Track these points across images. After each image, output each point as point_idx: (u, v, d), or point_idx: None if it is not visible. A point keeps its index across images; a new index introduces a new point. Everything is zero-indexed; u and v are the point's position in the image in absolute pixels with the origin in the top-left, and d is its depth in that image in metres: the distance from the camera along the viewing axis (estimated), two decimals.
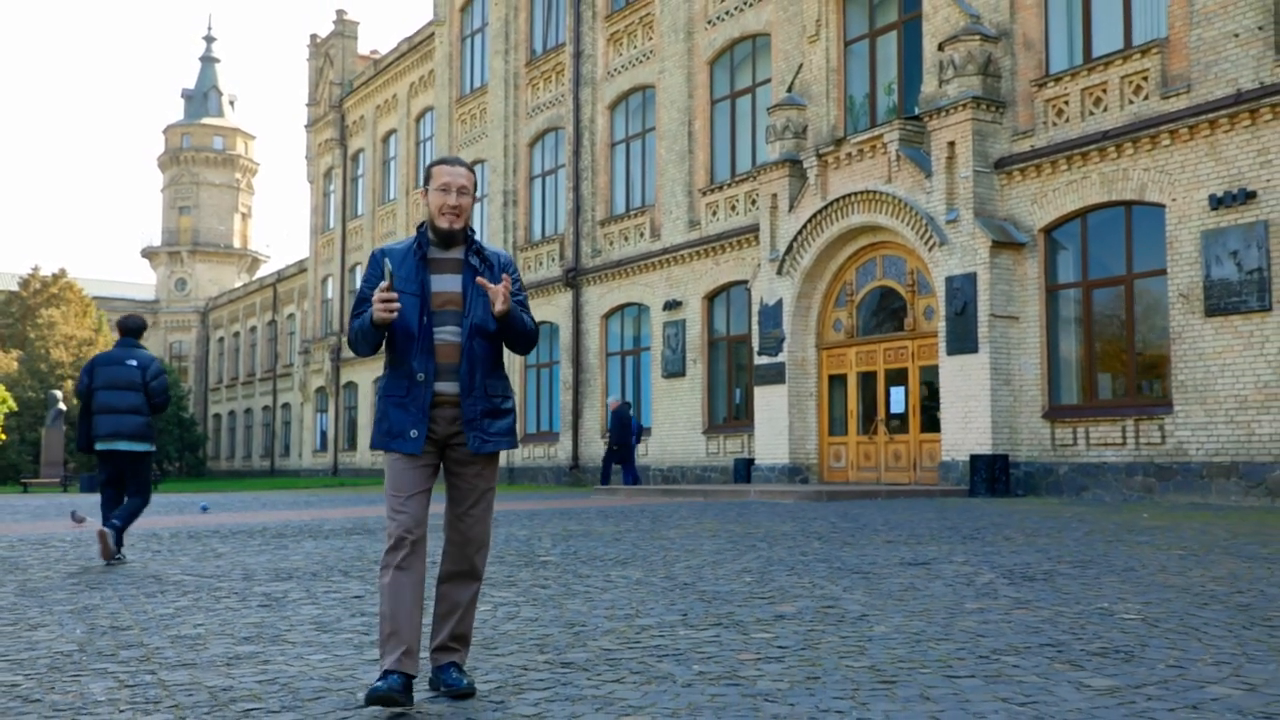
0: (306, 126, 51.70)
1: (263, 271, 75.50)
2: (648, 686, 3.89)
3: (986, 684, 3.84)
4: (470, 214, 3.94)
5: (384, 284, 3.69)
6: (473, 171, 3.97)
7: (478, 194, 33.81)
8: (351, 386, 45.70)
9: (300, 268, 55.76)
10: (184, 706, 3.70)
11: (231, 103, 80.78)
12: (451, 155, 3.50)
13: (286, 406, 57.53)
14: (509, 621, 5.39)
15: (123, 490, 9.14)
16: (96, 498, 27.34)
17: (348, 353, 45.75)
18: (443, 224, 3.87)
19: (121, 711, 3.64)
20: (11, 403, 47.52)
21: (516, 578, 7.24)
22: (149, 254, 77.61)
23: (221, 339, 69.37)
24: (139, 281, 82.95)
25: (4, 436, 48.38)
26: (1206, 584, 6.36)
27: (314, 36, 51.80)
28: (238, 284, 73.16)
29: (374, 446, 3.91)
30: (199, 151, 77.73)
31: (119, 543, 8.64)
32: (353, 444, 45.36)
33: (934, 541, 9.30)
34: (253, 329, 64.26)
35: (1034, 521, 11.51)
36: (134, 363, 9.10)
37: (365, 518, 14.47)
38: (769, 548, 9.02)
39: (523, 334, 3.94)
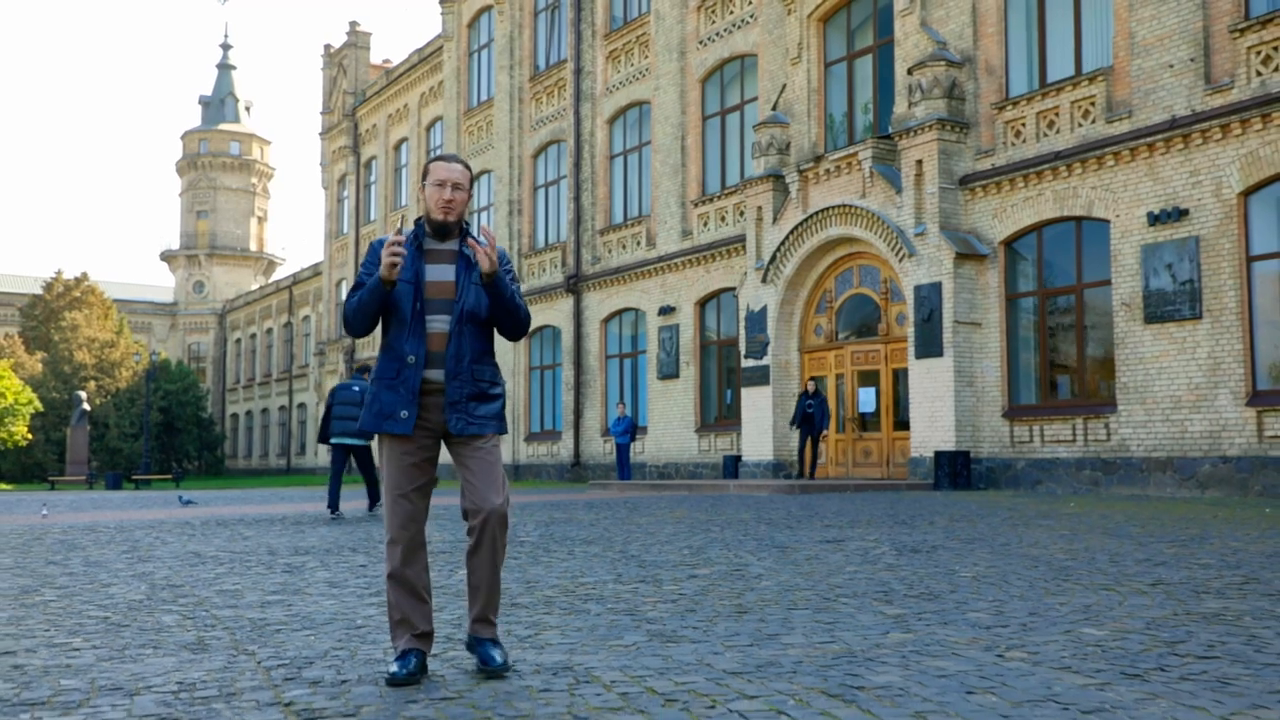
0: (321, 134, 53.29)
1: (279, 274, 77.27)
2: (567, 616, 5.34)
3: (814, 613, 5.27)
4: (464, 208, 4.12)
5: (399, 231, 3.95)
6: (469, 169, 4.14)
7: (487, 203, 35.50)
8: None
9: (315, 271, 57.39)
10: (234, 629, 5.15)
11: (248, 109, 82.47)
12: (449, 153, 3.81)
13: (302, 406, 59.18)
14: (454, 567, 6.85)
15: (341, 477, 14.10)
16: (113, 494, 29.47)
17: (361, 354, 47.31)
18: (438, 216, 4.03)
19: (188, 632, 5.09)
20: (37, 403, 49.21)
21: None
22: (168, 257, 79.37)
23: (239, 340, 71.09)
24: (158, 284, 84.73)
25: (30, 436, 50.09)
26: (1055, 554, 7.78)
27: (328, 47, 53.40)
28: (254, 286, 74.88)
29: (364, 428, 4.05)
30: (216, 156, 79.43)
31: (371, 508, 14.38)
32: None
33: (865, 526, 10.72)
34: (269, 331, 65.93)
35: (968, 510, 12.91)
36: (357, 388, 13.95)
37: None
38: (720, 531, 10.46)
39: (512, 309, 4.04)
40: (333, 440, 13.84)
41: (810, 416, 20.61)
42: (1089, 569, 6.87)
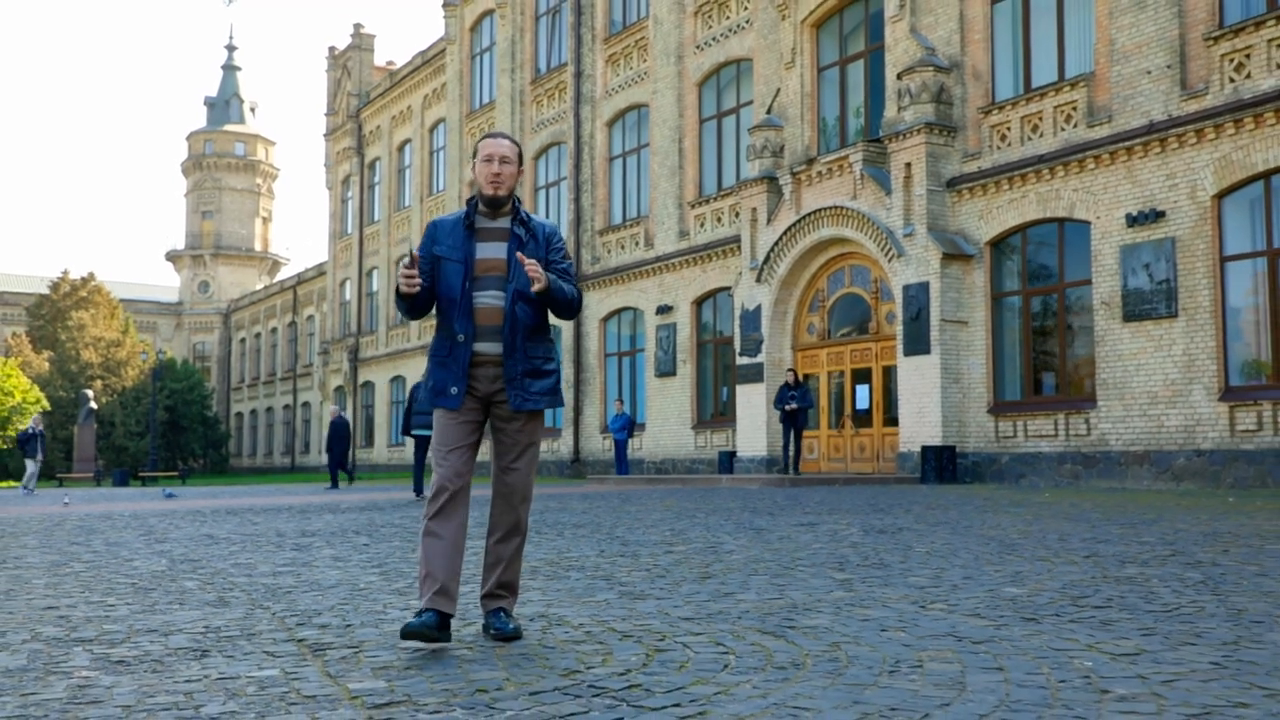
0: (325, 135, 53.89)
1: (283, 274, 77.94)
2: (549, 581, 5.92)
3: (770, 578, 5.85)
4: (514, 182, 4.21)
5: (407, 261, 4.06)
6: (516, 144, 4.26)
7: None
8: (369, 386, 47.87)
9: (319, 271, 58.01)
10: (249, 591, 5.74)
11: (252, 110, 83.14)
12: (497, 130, 3.78)
13: (306, 405, 59.81)
14: (473, 555, 7.40)
15: (424, 464, 16.57)
16: (121, 489, 30.30)
17: (366, 352, 47.94)
18: (488, 190, 4.14)
19: (209, 593, 5.68)
20: (45, 402, 49.87)
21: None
22: (173, 257, 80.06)
23: (243, 340, 71.74)
24: (163, 284, 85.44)
25: None
26: (1010, 534, 8.35)
27: (332, 49, 53.99)
28: (259, 286, 75.53)
29: (420, 406, 4.75)
30: (221, 157, 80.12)
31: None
32: (370, 441, 47.51)
33: (843, 513, 11.29)
34: (273, 330, 66.57)
35: (946, 500, 13.48)
36: None
37: (377, 500, 16.54)
38: (704, 517, 11.03)
39: (564, 303, 4.14)
40: (414, 433, 16.27)
41: (795, 411, 20.69)
42: (1035, 545, 7.44)
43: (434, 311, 4.27)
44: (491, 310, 4.08)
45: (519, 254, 4.04)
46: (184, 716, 2.94)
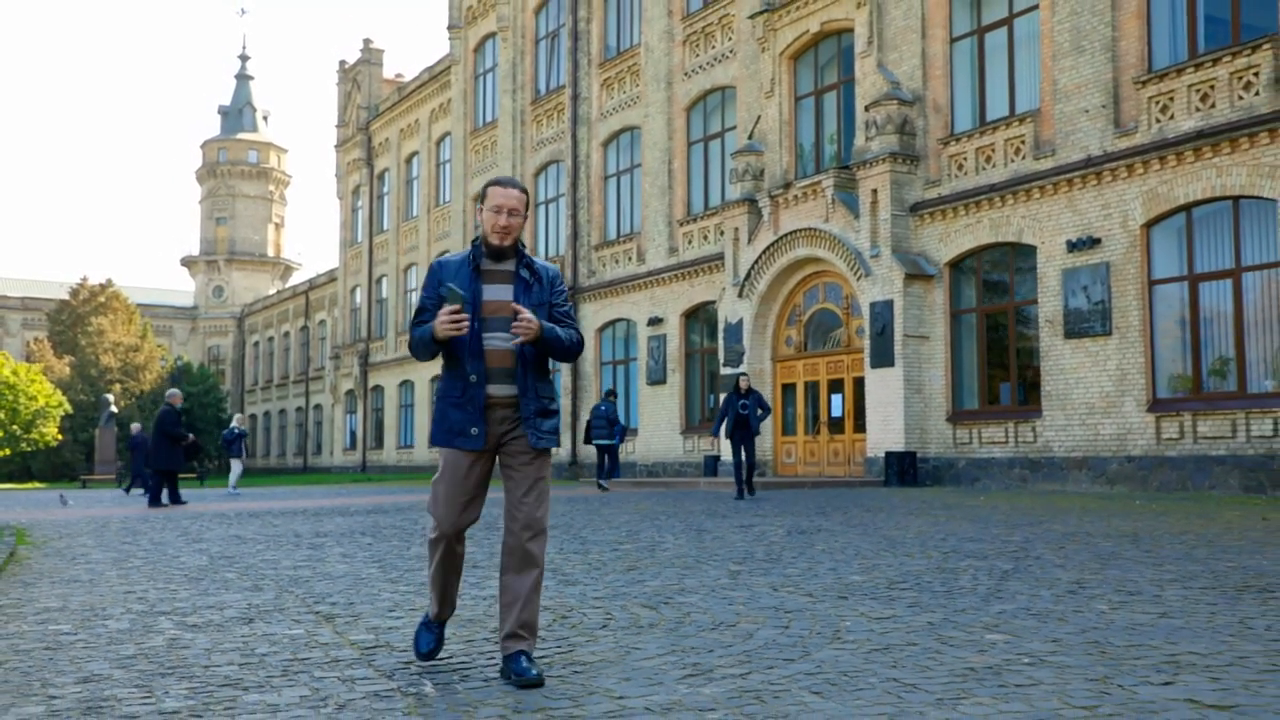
0: (336, 147, 55.68)
1: (295, 278, 79.84)
2: None
3: (679, 570, 7.51)
4: (519, 232, 4.26)
5: (455, 306, 4.04)
6: (525, 192, 4.26)
7: None
8: (378, 389, 49.64)
9: (330, 277, 59.81)
10: (277, 580, 7.42)
11: (265, 118, 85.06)
12: (507, 176, 3.82)
13: (318, 407, 61.65)
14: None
15: (603, 464, 23.64)
16: (137, 490, 32.12)
17: (375, 357, 49.72)
18: (494, 240, 4.18)
19: (246, 581, 7.36)
20: (67, 405, 51.77)
21: (473, 534, 10.93)
22: (188, 263, 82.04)
23: (257, 343, 73.61)
24: (179, 289, 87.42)
25: (60, 437, 52.66)
26: (906, 534, 9.99)
27: (342, 63, 55.79)
28: (272, 291, 77.42)
29: (435, 444, 4.19)
30: (234, 165, 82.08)
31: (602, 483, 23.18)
32: (379, 443, 49.31)
33: (787, 515, 12.93)
34: (286, 334, 68.41)
35: (890, 502, 15.11)
36: (604, 408, 23.88)
37: (383, 504, 18.24)
38: (665, 520, 12.69)
39: (560, 349, 4.19)
40: (594, 443, 23.83)
41: (745, 420, 17.71)
42: (917, 544, 9.08)
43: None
44: (502, 353, 4.14)
45: (512, 304, 4.13)
46: (246, 653, 4.63)
